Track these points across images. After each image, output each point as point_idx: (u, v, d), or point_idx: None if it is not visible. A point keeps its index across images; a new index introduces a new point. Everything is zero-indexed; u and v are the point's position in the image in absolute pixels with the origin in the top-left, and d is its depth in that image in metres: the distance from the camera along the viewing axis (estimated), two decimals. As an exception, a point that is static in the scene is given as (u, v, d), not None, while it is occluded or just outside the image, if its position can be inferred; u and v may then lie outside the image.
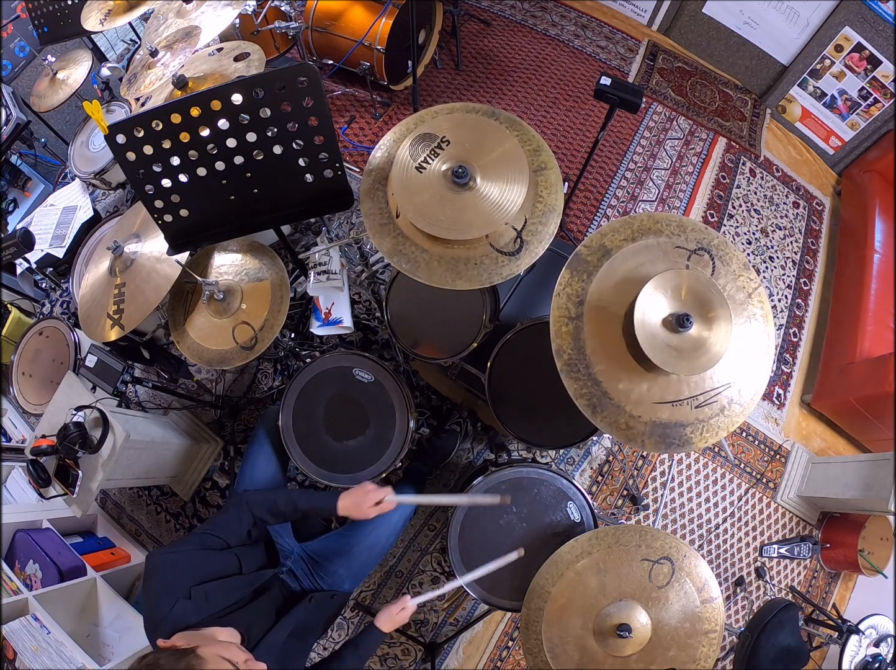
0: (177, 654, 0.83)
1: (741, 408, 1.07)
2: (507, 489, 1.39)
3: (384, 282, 2.09)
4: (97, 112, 1.16)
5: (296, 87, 1.16)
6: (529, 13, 3.17)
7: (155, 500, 2.21)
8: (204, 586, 1.01)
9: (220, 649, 0.86)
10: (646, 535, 1.20)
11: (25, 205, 2.89)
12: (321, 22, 2.50)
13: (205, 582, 1.02)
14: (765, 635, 1.54)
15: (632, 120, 2.80)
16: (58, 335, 2.00)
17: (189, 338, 1.59)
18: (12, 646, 1.41)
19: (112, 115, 2.33)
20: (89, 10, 2.01)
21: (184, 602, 0.97)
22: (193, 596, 0.98)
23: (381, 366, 1.53)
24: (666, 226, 1.12)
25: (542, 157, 1.22)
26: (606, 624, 1.14)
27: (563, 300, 1.09)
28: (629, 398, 1.05)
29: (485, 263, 1.16)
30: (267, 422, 1.58)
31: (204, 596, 1.00)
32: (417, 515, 2.07)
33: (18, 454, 2.12)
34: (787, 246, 2.66)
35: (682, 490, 2.18)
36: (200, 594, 1.00)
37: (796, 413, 2.36)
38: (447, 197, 1.16)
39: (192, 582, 1.00)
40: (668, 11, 3.02)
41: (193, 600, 0.98)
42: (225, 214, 1.36)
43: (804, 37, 2.67)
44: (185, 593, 0.98)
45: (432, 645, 1.95)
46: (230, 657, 0.85)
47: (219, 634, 0.96)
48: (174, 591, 0.98)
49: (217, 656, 0.84)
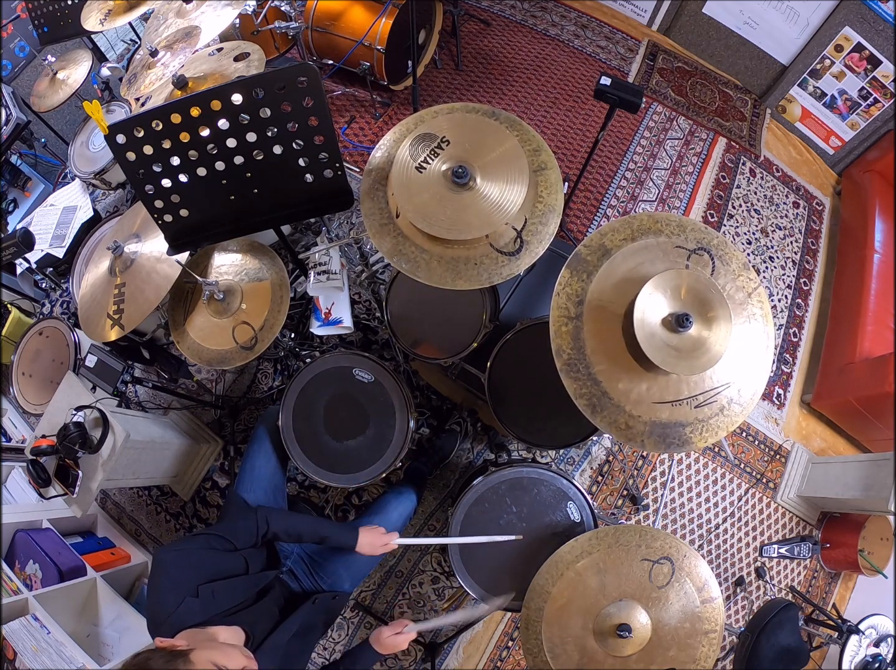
0: (168, 655, 0.83)
1: (741, 408, 1.07)
2: (507, 489, 1.39)
3: (384, 282, 2.09)
4: (97, 112, 1.16)
5: (296, 87, 1.16)
6: (529, 13, 3.17)
7: (155, 500, 2.21)
8: (211, 585, 1.00)
9: (216, 655, 0.85)
10: (646, 535, 1.20)
11: (25, 205, 2.89)
12: (321, 22, 2.50)
13: (212, 580, 1.01)
14: (765, 635, 1.54)
15: (632, 120, 2.80)
16: (58, 335, 2.00)
17: (189, 338, 1.59)
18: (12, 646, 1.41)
19: (112, 115, 2.33)
20: (89, 10, 2.01)
21: (191, 600, 0.96)
22: (201, 595, 0.97)
23: (381, 366, 1.53)
24: (666, 225, 1.12)
25: (542, 156, 1.22)
26: (606, 624, 1.14)
27: (563, 300, 1.09)
28: (629, 398, 1.05)
29: (485, 263, 1.16)
30: (267, 422, 1.58)
31: (211, 594, 0.99)
32: (417, 515, 2.06)
33: (18, 454, 2.12)
34: (787, 246, 2.66)
35: (682, 490, 2.18)
36: (208, 592, 0.99)
37: (796, 413, 2.36)
38: (447, 197, 1.16)
39: (200, 580, 1.00)
40: (668, 11, 3.02)
41: (201, 598, 0.97)
42: (225, 214, 1.35)
43: (804, 37, 2.67)
44: (193, 591, 0.97)
45: (432, 645, 1.95)
46: (225, 663, 0.84)
47: (222, 634, 0.95)
48: (182, 589, 0.97)
49: (209, 662, 0.83)
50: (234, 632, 0.98)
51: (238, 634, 0.99)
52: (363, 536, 1.29)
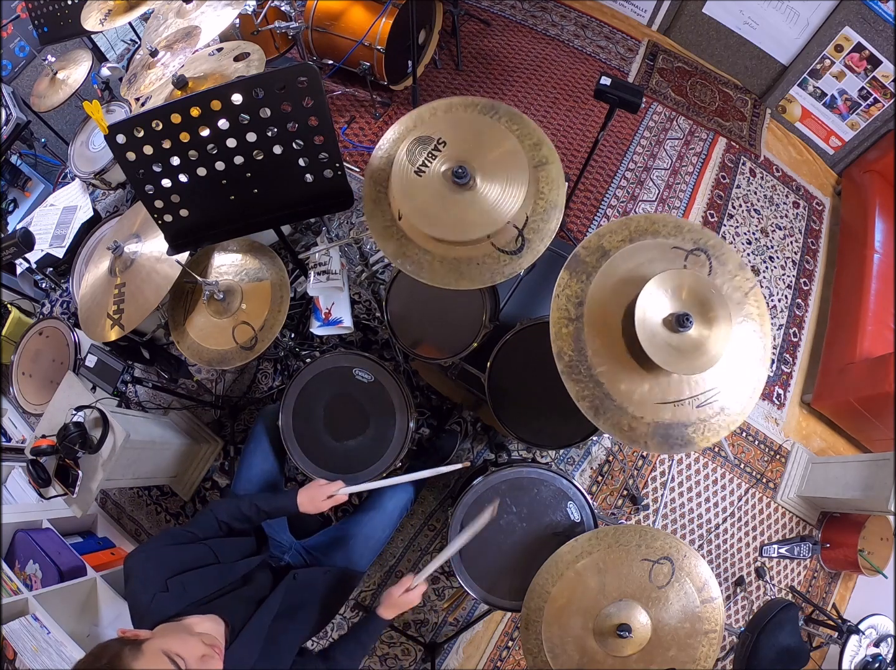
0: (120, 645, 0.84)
1: (742, 407, 1.07)
2: (507, 489, 1.39)
3: (384, 282, 2.08)
4: (97, 112, 1.16)
5: (296, 87, 1.16)
6: (529, 13, 3.17)
7: (155, 500, 2.21)
8: (180, 577, 1.03)
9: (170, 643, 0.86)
10: (646, 535, 1.20)
11: (25, 205, 2.89)
12: (321, 22, 2.50)
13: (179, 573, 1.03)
14: (765, 635, 1.54)
15: (632, 120, 2.80)
16: (58, 335, 2.00)
17: (189, 338, 1.58)
18: (12, 646, 1.41)
19: (112, 115, 2.33)
20: (89, 10, 2.01)
21: (161, 595, 0.98)
22: (171, 588, 1.00)
23: (381, 366, 1.53)
24: (663, 226, 1.12)
25: (542, 151, 1.21)
26: (606, 624, 1.13)
27: (563, 302, 1.09)
28: (631, 399, 1.05)
29: (487, 263, 1.16)
30: (265, 421, 1.58)
31: (181, 586, 1.01)
32: (417, 515, 2.07)
33: (18, 454, 2.11)
34: (787, 246, 2.66)
35: (682, 490, 2.18)
36: (177, 585, 1.01)
37: (796, 413, 2.36)
38: (448, 197, 1.15)
39: (168, 574, 1.02)
40: (668, 11, 3.02)
41: (171, 592, 1.00)
42: (225, 214, 1.35)
43: (804, 37, 2.67)
44: (162, 586, 1.00)
45: (432, 645, 1.95)
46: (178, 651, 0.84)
47: (199, 624, 0.97)
48: (151, 586, 0.99)
49: (159, 651, 0.83)
50: (212, 621, 0.99)
51: (216, 622, 1.00)
52: (302, 494, 1.28)
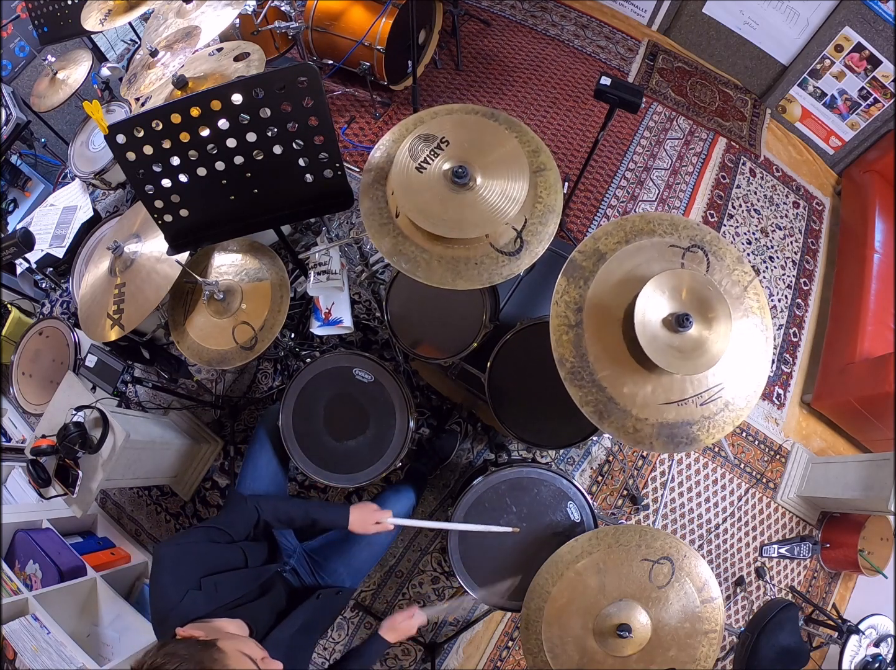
0: (197, 645, 0.82)
1: (745, 402, 1.07)
2: (507, 489, 1.39)
3: (384, 282, 2.08)
4: (97, 112, 1.16)
5: (296, 87, 1.16)
6: (529, 13, 3.17)
7: (155, 500, 2.21)
8: (213, 577, 1.00)
9: (239, 644, 0.85)
10: (646, 535, 1.20)
11: (25, 205, 2.89)
12: (321, 22, 2.50)
13: (213, 573, 1.01)
14: (765, 635, 1.54)
15: (632, 120, 2.80)
16: (58, 335, 2.00)
17: (189, 338, 1.58)
18: (12, 646, 1.41)
19: (112, 115, 2.33)
20: (89, 10, 2.01)
21: (194, 592, 0.96)
22: (204, 587, 0.97)
23: (381, 366, 1.53)
24: (658, 225, 1.12)
25: (541, 157, 1.22)
26: (606, 624, 1.13)
27: (562, 308, 1.09)
28: (635, 401, 1.05)
29: (485, 263, 1.16)
30: (267, 422, 1.58)
31: (214, 587, 0.99)
32: (417, 516, 2.05)
33: (18, 454, 2.11)
34: (787, 246, 2.66)
35: (682, 490, 2.18)
36: (210, 585, 0.99)
37: (796, 413, 2.36)
38: (448, 197, 1.16)
39: (202, 572, 0.99)
40: (668, 11, 3.01)
41: (204, 591, 0.97)
42: (225, 214, 1.35)
43: (804, 37, 2.67)
44: (196, 584, 0.97)
45: (432, 645, 1.95)
46: (250, 653, 0.84)
47: (228, 626, 0.95)
48: (184, 582, 0.97)
49: (238, 651, 0.82)
50: (238, 626, 0.98)
51: (242, 628, 0.98)
52: (354, 513, 1.28)
